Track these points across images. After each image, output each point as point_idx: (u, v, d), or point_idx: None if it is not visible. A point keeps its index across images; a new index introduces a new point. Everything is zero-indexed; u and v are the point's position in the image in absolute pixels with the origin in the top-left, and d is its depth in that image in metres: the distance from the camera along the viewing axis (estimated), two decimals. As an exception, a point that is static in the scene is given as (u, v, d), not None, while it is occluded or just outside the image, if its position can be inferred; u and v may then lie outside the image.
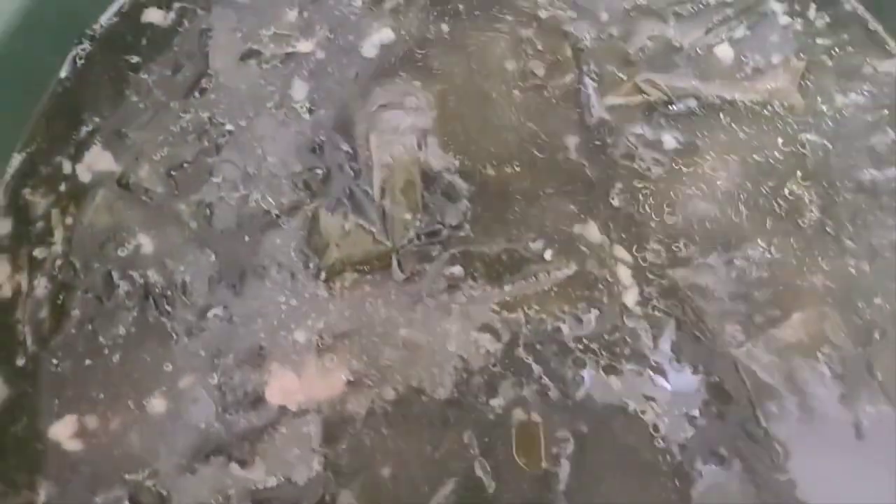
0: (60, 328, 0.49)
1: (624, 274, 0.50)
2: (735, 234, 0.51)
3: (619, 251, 0.51)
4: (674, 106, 0.55)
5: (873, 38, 0.57)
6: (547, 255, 0.50)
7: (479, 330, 0.48)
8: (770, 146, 0.54)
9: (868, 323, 0.49)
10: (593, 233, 0.51)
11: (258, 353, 0.48)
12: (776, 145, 0.54)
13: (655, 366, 0.48)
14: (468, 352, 0.48)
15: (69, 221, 0.51)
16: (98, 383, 0.48)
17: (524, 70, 0.55)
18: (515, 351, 0.48)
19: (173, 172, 0.52)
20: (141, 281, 0.49)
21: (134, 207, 0.51)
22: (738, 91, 0.55)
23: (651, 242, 0.51)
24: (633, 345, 0.48)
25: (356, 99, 0.54)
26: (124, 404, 0.47)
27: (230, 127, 0.53)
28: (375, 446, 0.46)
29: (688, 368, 0.48)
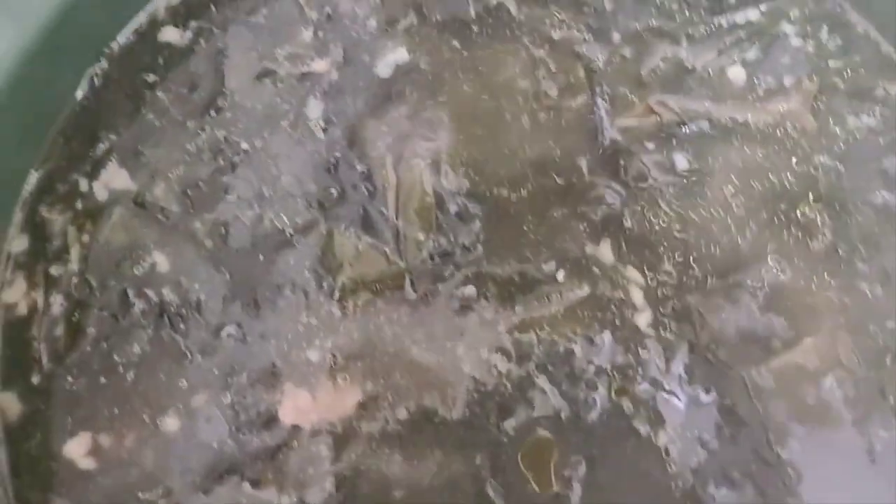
0: (76, 346, 0.49)
1: (636, 296, 0.50)
2: (747, 257, 0.51)
3: (632, 273, 0.51)
4: (686, 127, 0.55)
5: (886, 61, 0.57)
6: (559, 277, 0.50)
7: (492, 351, 0.49)
8: (782, 168, 0.54)
9: (881, 346, 0.49)
10: (606, 254, 0.51)
11: (271, 373, 0.48)
12: (788, 167, 0.54)
13: (668, 389, 0.48)
14: (481, 373, 0.48)
15: (85, 239, 0.51)
16: (112, 401, 0.48)
17: (537, 91, 0.56)
18: (527, 372, 0.48)
19: (189, 191, 0.53)
20: (156, 299, 0.50)
21: (150, 226, 0.52)
22: (751, 113, 0.55)
23: (664, 264, 0.51)
24: (646, 367, 0.48)
25: (371, 118, 0.55)
26: (138, 423, 0.47)
27: (245, 146, 0.54)
28: (388, 467, 0.46)
29: (700, 391, 0.48)
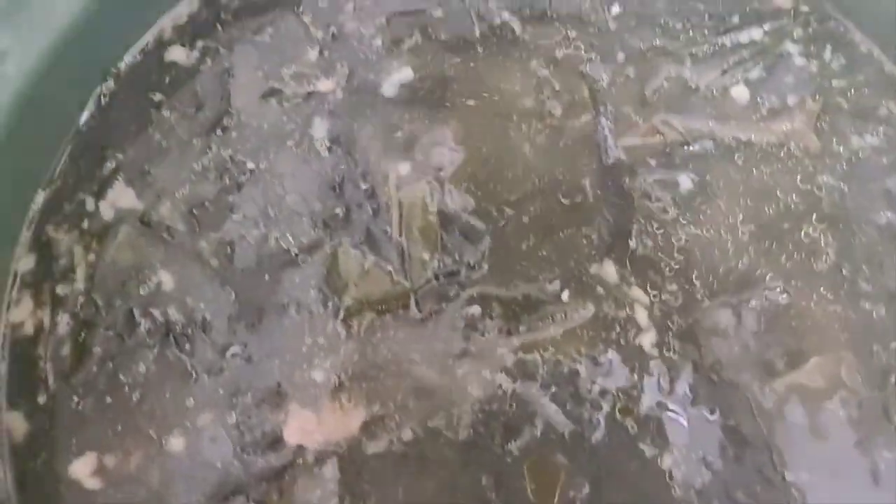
0: (82, 365, 0.49)
1: (641, 316, 0.50)
2: (751, 277, 0.51)
3: (636, 292, 0.51)
4: (690, 147, 0.55)
5: (890, 80, 0.58)
6: (564, 297, 0.51)
7: (497, 371, 0.49)
8: (786, 188, 0.54)
9: (885, 367, 0.49)
10: (610, 274, 0.51)
11: (276, 393, 0.48)
12: (792, 187, 0.54)
13: (672, 408, 0.48)
14: (485, 393, 0.48)
15: (91, 258, 0.52)
16: (118, 421, 0.48)
17: (541, 110, 0.56)
18: (532, 393, 0.48)
19: (195, 210, 0.53)
20: (162, 319, 0.50)
21: (155, 245, 0.52)
22: (754, 132, 0.55)
23: (668, 284, 0.51)
24: (650, 387, 0.48)
25: (375, 137, 0.55)
26: (144, 442, 0.48)
27: (251, 165, 0.54)
28: (393, 487, 0.46)
29: (705, 412, 0.48)
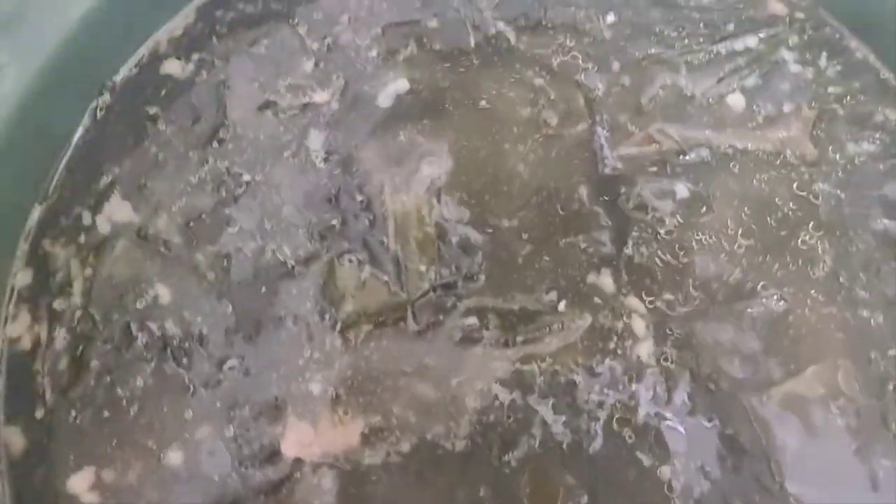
0: (79, 380, 0.49)
1: (638, 325, 0.50)
2: (748, 285, 0.51)
3: (633, 302, 0.51)
4: (686, 156, 0.55)
5: (885, 86, 0.58)
6: (561, 307, 0.50)
7: (494, 382, 0.49)
8: (782, 196, 0.54)
9: (882, 374, 0.49)
10: (607, 283, 0.51)
11: (274, 405, 0.48)
12: (788, 195, 0.54)
13: (670, 418, 0.48)
14: (483, 404, 0.48)
15: (88, 273, 0.52)
16: (116, 435, 0.48)
17: (537, 119, 0.56)
18: (530, 403, 0.48)
19: (191, 223, 0.53)
20: (159, 333, 0.50)
21: (152, 258, 0.52)
22: (751, 140, 0.55)
23: (665, 293, 0.51)
24: (648, 397, 0.48)
25: (371, 149, 0.55)
26: (142, 456, 0.48)
27: (247, 177, 0.54)
28: (391, 500, 0.46)
29: (703, 420, 0.48)
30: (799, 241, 0.53)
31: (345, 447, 0.47)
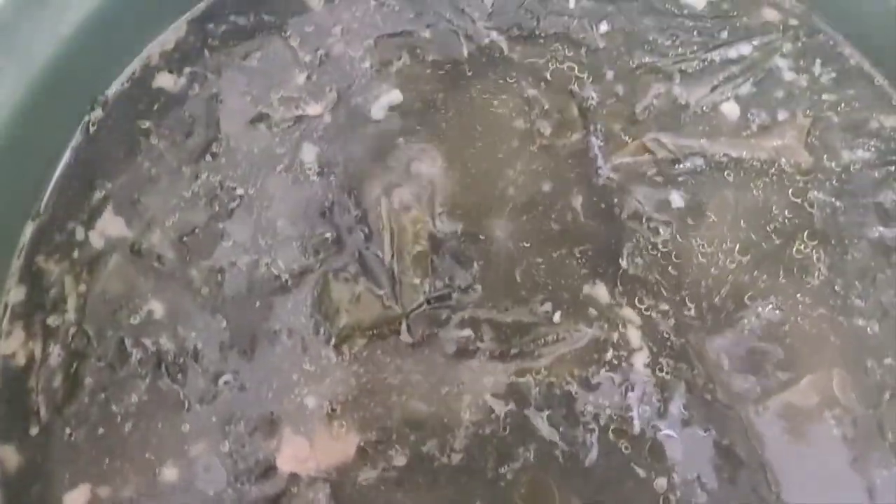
0: (74, 397, 0.49)
1: (633, 336, 0.50)
2: (743, 295, 0.51)
3: (628, 312, 0.51)
4: (681, 164, 0.55)
5: (879, 94, 0.57)
6: (556, 318, 0.50)
7: (489, 394, 0.49)
8: (777, 204, 0.54)
9: (878, 383, 0.49)
10: (602, 294, 0.51)
11: (269, 420, 0.48)
12: (783, 203, 0.54)
13: (666, 429, 0.48)
14: (478, 417, 0.48)
15: (82, 289, 0.51)
16: (111, 452, 0.48)
17: (531, 130, 0.56)
18: (525, 415, 0.48)
19: (185, 238, 0.53)
20: (153, 348, 0.50)
21: (146, 274, 0.52)
22: (745, 149, 0.55)
23: (660, 303, 0.51)
24: (643, 408, 0.48)
25: (365, 161, 0.55)
26: (137, 473, 0.47)
27: (241, 191, 0.54)
28: (387, 514, 0.46)
29: (698, 431, 0.48)
30: (794, 250, 0.52)
31: (340, 462, 0.47)
